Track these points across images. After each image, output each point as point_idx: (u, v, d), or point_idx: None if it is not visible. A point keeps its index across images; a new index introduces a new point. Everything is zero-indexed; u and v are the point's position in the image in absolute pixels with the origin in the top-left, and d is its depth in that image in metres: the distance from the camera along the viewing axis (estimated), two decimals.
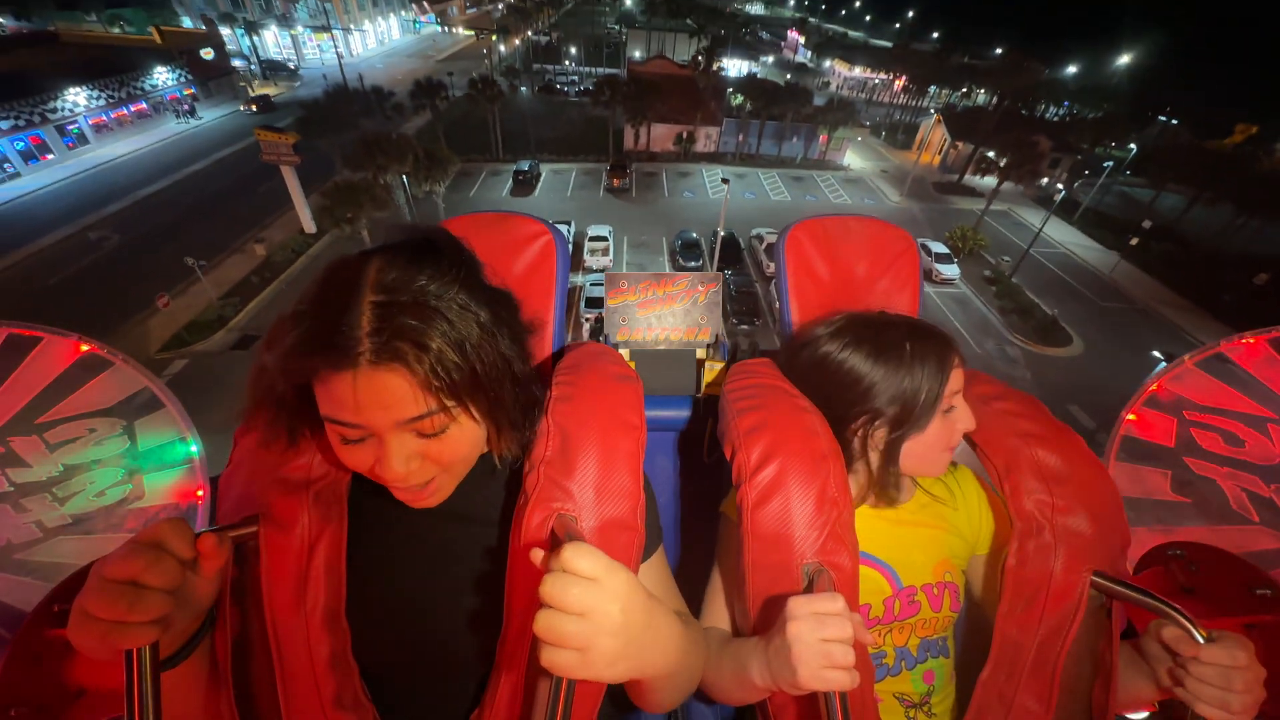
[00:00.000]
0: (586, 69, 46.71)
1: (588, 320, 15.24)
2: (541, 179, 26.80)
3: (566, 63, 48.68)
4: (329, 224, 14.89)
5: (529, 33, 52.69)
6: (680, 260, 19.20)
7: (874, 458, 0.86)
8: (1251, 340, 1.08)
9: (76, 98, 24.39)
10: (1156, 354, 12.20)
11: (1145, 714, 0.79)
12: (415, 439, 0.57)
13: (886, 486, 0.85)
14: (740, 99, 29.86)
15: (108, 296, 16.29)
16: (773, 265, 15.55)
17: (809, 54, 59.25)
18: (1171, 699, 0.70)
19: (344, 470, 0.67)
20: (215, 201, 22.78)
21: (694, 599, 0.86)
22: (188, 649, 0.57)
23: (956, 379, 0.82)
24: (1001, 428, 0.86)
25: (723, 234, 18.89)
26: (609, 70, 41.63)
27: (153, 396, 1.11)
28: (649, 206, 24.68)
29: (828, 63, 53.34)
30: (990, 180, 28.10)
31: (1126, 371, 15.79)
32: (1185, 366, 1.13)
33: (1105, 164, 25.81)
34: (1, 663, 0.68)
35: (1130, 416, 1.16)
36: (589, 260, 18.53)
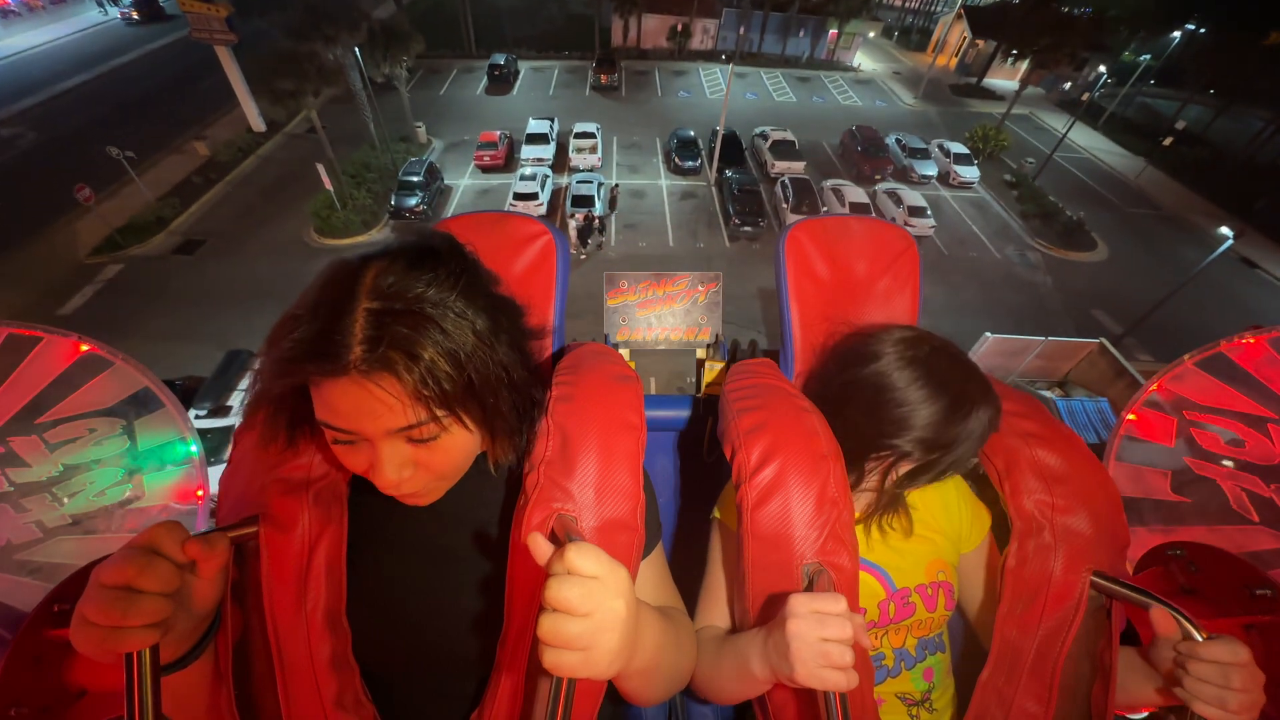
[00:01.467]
0: None
1: (573, 218, 13.67)
2: (520, 76, 24.02)
3: None
4: (267, 101, 12.81)
5: None
6: (676, 160, 17.34)
7: (887, 487, 0.84)
8: (1251, 340, 1.07)
9: None
10: (1225, 230, 10.95)
11: (1144, 714, 0.79)
12: (408, 446, 0.56)
13: (893, 513, 0.87)
14: None
15: (26, 198, 14.30)
16: (777, 165, 13.67)
17: None
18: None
19: (343, 470, 0.67)
20: (148, 98, 20.08)
21: (694, 598, 0.87)
22: (196, 652, 0.57)
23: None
24: (1002, 428, 0.81)
25: (723, 132, 16.97)
26: None
27: (153, 396, 1.10)
28: (641, 106, 22.29)
29: None
30: (1011, 85, 25.79)
31: (1152, 277, 14.79)
32: (1185, 366, 1.12)
33: (1133, 67, 23.56)
34: (2, 663, 0.67)
35: (1130, 416, 1.16)
36: (574, 159, 16.67)
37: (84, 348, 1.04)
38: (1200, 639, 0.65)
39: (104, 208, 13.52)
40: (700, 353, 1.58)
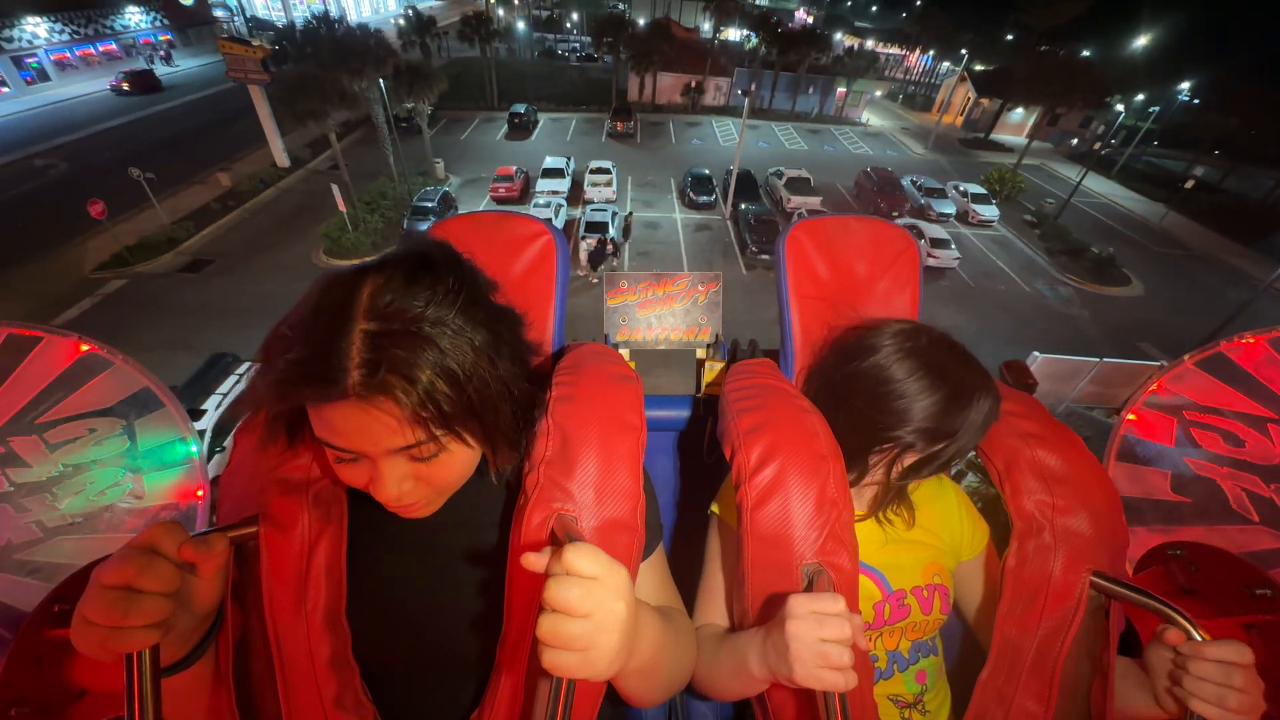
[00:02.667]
0: (588, 38, 44.86)
1: (585, 241, 13.37)
2: (539, 125, 24.91)
3: (568, 26, 46.80)
4: (287, 119, 12.99)
5: (530, 10, 50.85)
6: (691, 195, 17.33)
7: (891, 480, 0.83)
8: (1251, 340, 1.07)
9: (36, 29, 22.55)
10: None
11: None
12: (407, 463, 0.55)
13: (896, 505, 0.86)
14: (755, 40, 27.90)
15: (45, 219, 14.41)
16: (793, 200, 12.88)
17: (817, 27, 57.23)
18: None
19: None
20: (182, 138, 20.93)
21: (693, 598, 0.86)
22: (196, 653, 0.56)
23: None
24: (1001, 428, 0.83)
25: (738, 170, 17.03)
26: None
27: (153, 396, 1.09)
28: (655, 151, 22.81)
29: (838, 35, 51.45)
30: (1019, 140, 26.26)
31: (1194, 313, 13.97)
32: (1185, 366, 1.12)
33: (1135, 130, 23.98)
34: (2, 663, 0.67)
35: (1130, 416, 1.16)
36: (590, 193, 16.69)
37: (84, 348, 1.03)
38: (1200, 639, 0.64)
39: (119, 229, 13.51)
40: (700, 353, 1.40)
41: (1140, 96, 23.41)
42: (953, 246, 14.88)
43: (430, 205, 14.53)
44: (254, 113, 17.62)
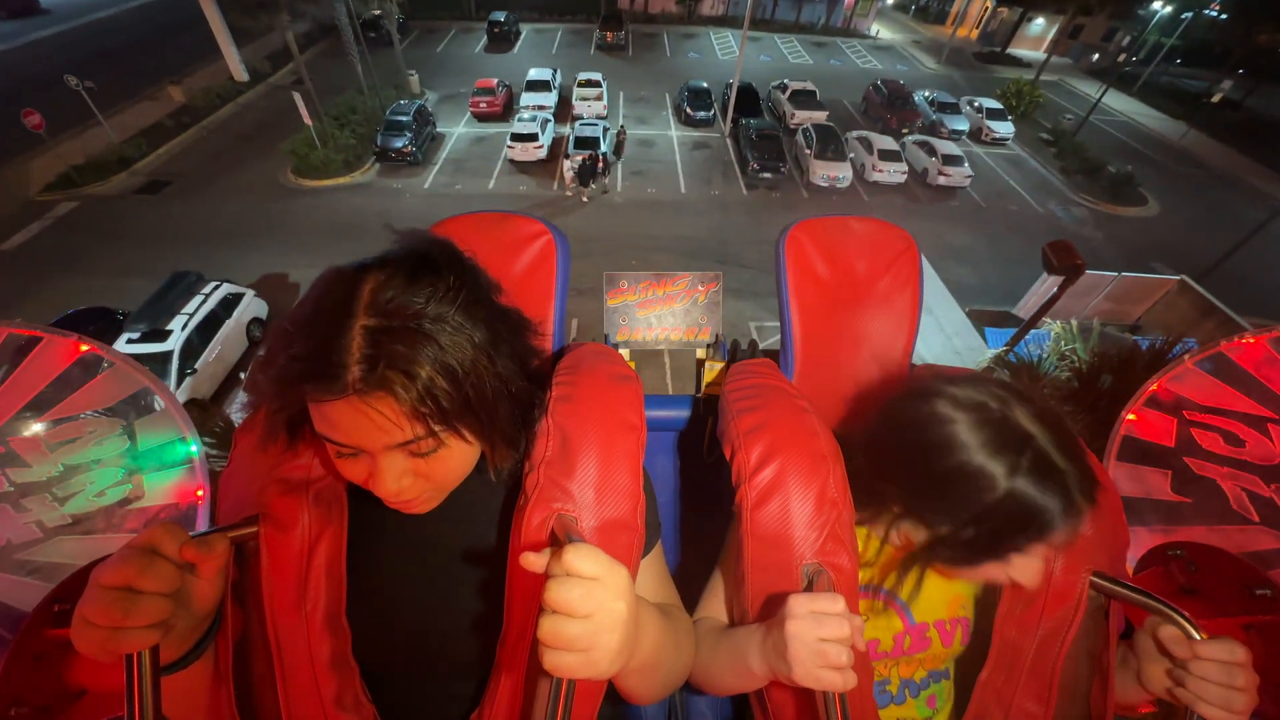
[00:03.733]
0: None
1: (570, 159, 12.38)
2: (522, 37, 22.80)
3: None
4: (234, 12, 11.55)
5: None
6: (689, 111, 16.06)
7: (895, 540, 0.79)
8: (1251, 340, 1.07)
9: None
10: None
11: (1145, 715, 0.77)
12: (407, 458, 0.55)
13: (898, 581, 0.78)
14: None
15: None
16: (798, 115, 11.45)
17: None
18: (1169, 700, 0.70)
19: None
20: (125, 50, 18.92)
21: (694, 598, 0.85)
22: (195, 653, 0.56)
23: (1058, 542, 0.66)
24: None
25: (738, 84, 15.67)
26: None
27: (153, 396, 1.09)
28: (649, 65, 21.03)
29: None
30: (1037, 54, 24.45)
31: (1210, 233, 13.45)
32: (1185, 366, 1.11)
33: (1158, 47, 22.23)
34: (2, 663, 0.67)
35: (1130, 416, 1.16)
36: (578, 107, 15.41)
37: (84, 348, 1.03)
38: (1199, 639, 0.63)
39: (63, 148, 12.35)
40: (700, 353, 1.28)
41: (1168, 8, 21.55)
42: (965, 164, 14.01)
43: (405, 119, 13.32)
44: (203, 22, 15.81)
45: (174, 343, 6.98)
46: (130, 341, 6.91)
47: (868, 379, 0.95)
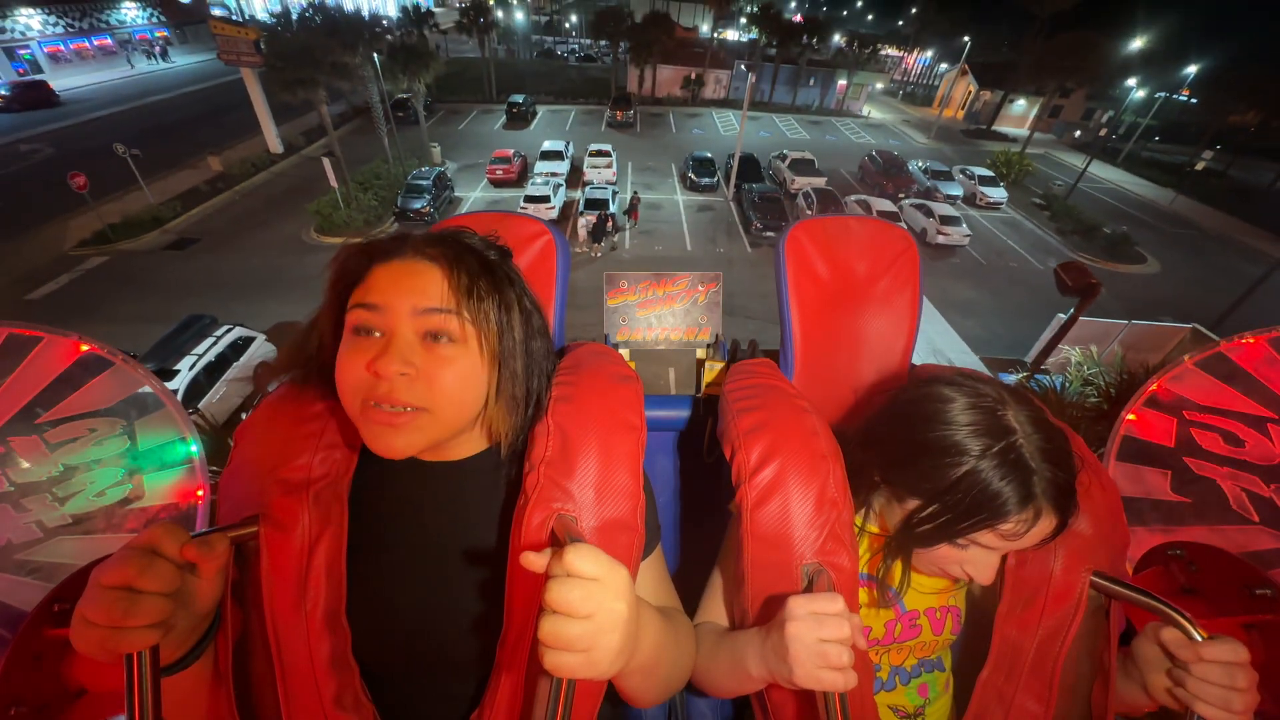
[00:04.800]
0: (587, 40, 44.75)
1: (584, 216, 12.93)
2: (538, 117, 24.64)
3: (567, 27, 46.87)
4: (275, 88, 12.57)
5: (530, 13, 50.97)
6: (694, 178, 16.95)
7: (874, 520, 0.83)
8: (1251, 340, 1.07)
9: (30, 20, 22.27)
10: None
11: (1144, 715, 0.77)
12: (421, 342, 0.57)
13: (885, 569, 0.79)
14: (755, 32, 27.69)
15: (27, 199, 13.97)
16: (797, 180, 12.37)
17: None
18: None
19: (344, 470, 0.67)
20: (175, 127, 20.58)
21: (694, 598, 0.85)
22: (196, 652, 0.56)
23: (1015, 535, 0.66)
24: None
25: (740, 154, 16.65)
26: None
27: (153, 396, 1.10)
28: (655, 139, 22.50)
29: (836, 36, 51.47)
30: (1021, 132, 26.00)
31: (1212, 288, 13.53)
32: (1185, 366, 1.12)
33: (1134, 127, 23.71)
34: (1, 663, 0.67)
35: (1130, 416, 1.16)
36: (589, 174, 16.32)
37: (84, 348, 1.02)
38: (1199, 639, 0.63)
39: (104, 209, 13.08)
40: (700, 353, 1.28)
41: (1141, 92, 23.13)
42: (963, 224, 14.48)
43: (425, 184, 14.12)
44: (248, 104, 17.28)
45: (180, 381, 6.98)
46: None
47: (867, 379, 0.96)
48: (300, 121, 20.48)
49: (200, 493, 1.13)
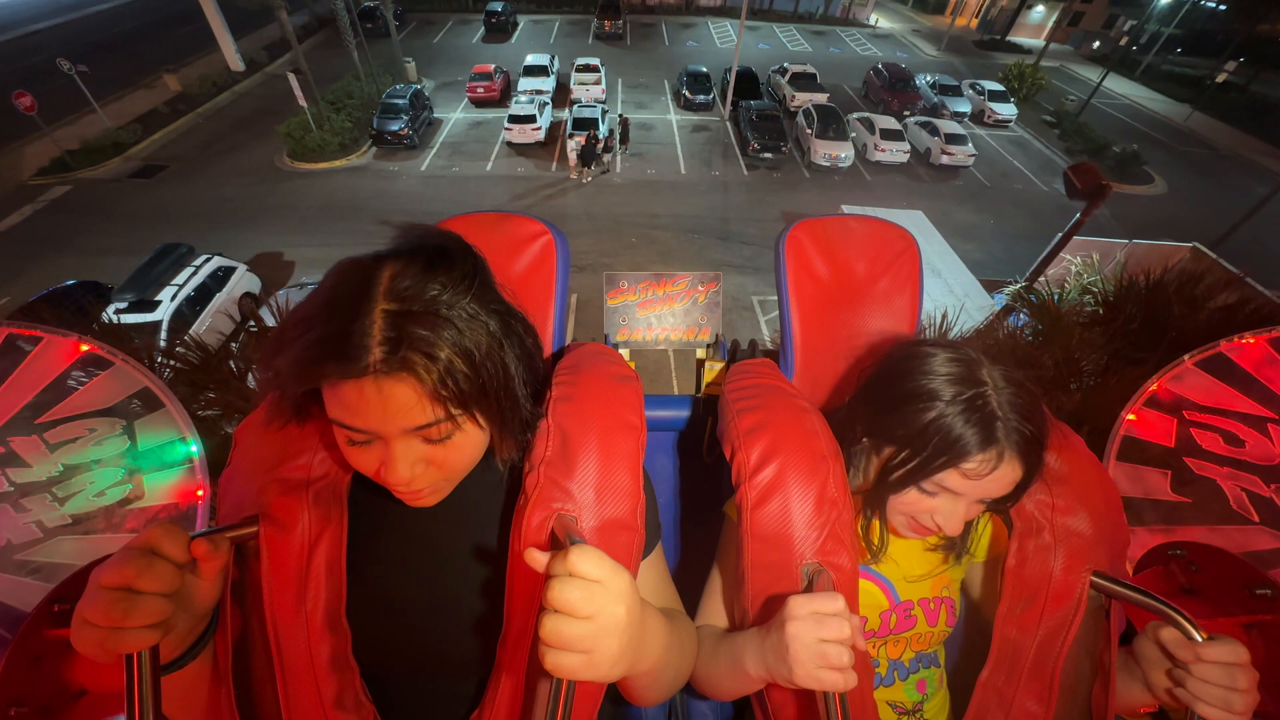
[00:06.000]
0: None
1: (574, 139, 12.23)
2: (519, 28, 22.70)
3: None
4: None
5: None
6: (687, 95, 15.91)
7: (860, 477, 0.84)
8: (1251, 340, 1.06)
9: None
10: None
11: (1144, 715, 0.78)
12: (421, 444, 0.55)
13: (866, 527, 0.82)
14: None
15: None
16: (798, 96, 11.24)
17: None
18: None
19: (344, 470, 0.66)
20: (122, 41, 18.87)
21: (694, 598, 0.85)
22: (194, 651, 0.56)
23: (978, 475, 0.68)
24: None
25: (738, 68, 15.52)
26: None
27: (153, 396, 1.09)
28: (647, 54, 20.91)
29: None
30: (1037, 42, 24.30)
31: (1218, 209, 13.22)
32: (1185, 366, 1.11)
33: (1157, 36, 22.04)
34: (2, 663, 0.67)
35: (1130, 416, 1.16)
36: (576, 92, 15.26)
37: (84, 348, 1.02)
38: (1200, 639, 0.63)
39: (59, 134, 12.19)
40: (700, 353, 1.27)
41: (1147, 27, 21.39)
42: (969, 143, 13.84)
43: (401, 103, 13.19)
44: (201, 15, 15.71)
45: (163, 313, 6.83)
46: (118, 311, 6.74)
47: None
48: (260, 35, 18.78)
49: (200, 493, 1.13)
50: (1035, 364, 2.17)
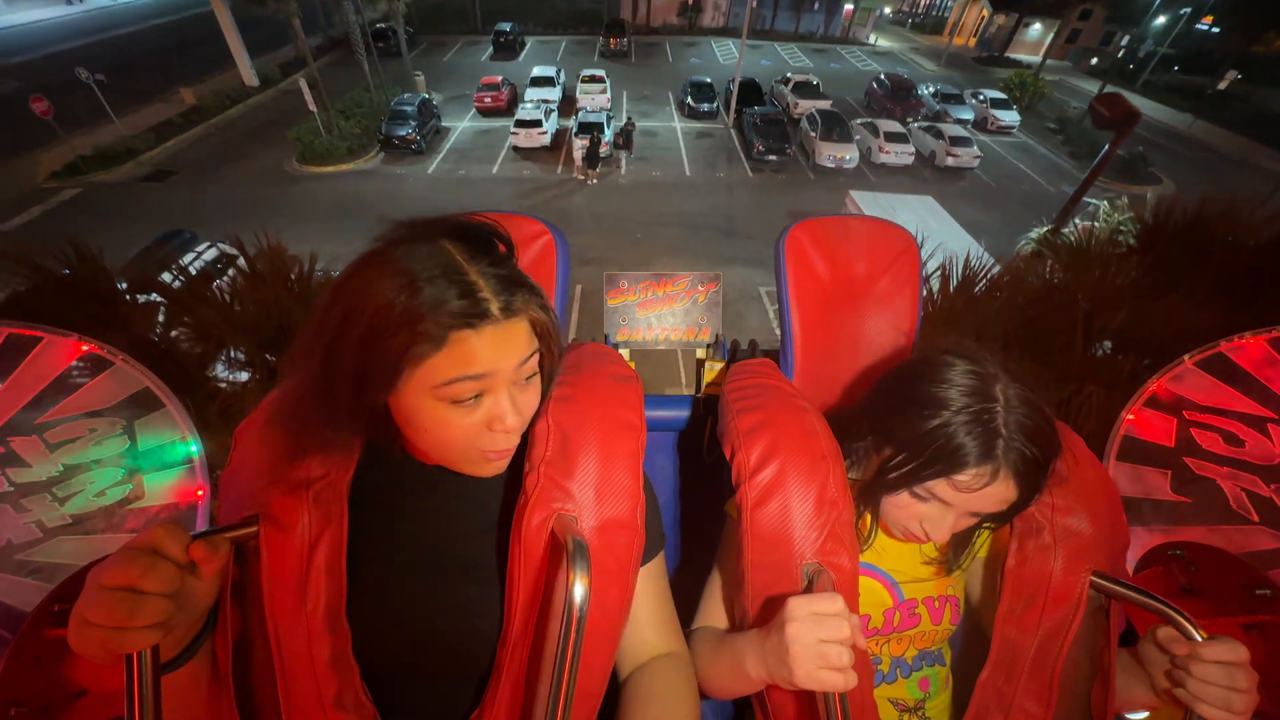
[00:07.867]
0: None
1: (580, 140, 12.34)
2: (526, 47, 23.31)
3: None
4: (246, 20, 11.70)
5: None
6: (692, 104, 16.14)
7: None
8: (1251, 340, 1.06)
9: None
10: None
11: (1145, 714, 0.78)
12: (517, 390, 0.58)
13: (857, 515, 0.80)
14: None
15: None
16: (800, 104, 11.42)
17: None
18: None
19: (344, 470, 0.66)
20: (146, 60, 19.44)
21: (694, 598, 0.85)
22: (190, 651, 0.57)
23: (969, 488, 0.68)
24: None
25: (740, 79, 15.76)
26: None
27: (153, 396, 1.08)
28: (651, 69, 21.36)
29: None
30: (1035, 59, 24.68)
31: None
32: (1185, 366, 1.11)
33: (1151, 55, 22.37)
34: (2, 663, 0.67)
35: (1130, 416, 1.16)
36: (582, 100, 15.51)
37: (84, 348, 1.02)
38: (1200, 639, 0.63)
39: (75, 141, 12.43)
40: (700, 353, 1.25)
41: (1162, 18, 21.73)
42: (973, 145, 13.87)
43: (409, 110, 13.42)
44: (220, 38, 16.22)
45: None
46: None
47: (867, 379, 0.96)
48: (276, 55, 19.32)
49: (200, 493, 1.13)
50: (1068, 301, 2.00)
